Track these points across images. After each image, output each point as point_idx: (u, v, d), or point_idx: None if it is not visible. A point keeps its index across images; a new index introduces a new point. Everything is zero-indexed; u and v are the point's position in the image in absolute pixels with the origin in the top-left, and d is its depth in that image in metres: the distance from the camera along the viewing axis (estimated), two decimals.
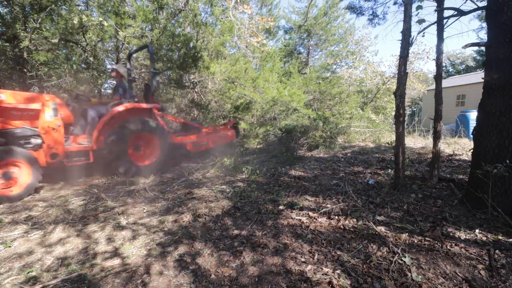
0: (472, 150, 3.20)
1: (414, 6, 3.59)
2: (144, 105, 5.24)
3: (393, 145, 3.74)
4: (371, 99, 14.84)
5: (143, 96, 5.86)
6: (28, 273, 2.09)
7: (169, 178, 5.02)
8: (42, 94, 4.19)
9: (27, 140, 4.06)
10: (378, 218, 2.94)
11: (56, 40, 5.87)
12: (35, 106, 4.07)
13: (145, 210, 3.39)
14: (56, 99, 4.29)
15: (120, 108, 4.85)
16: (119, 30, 6.16)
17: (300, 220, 2.97)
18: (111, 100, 5.29)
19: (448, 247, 2.30)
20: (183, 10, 7.74)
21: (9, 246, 2.52)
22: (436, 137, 3.98)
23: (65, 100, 5.14)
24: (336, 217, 3.01)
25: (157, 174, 5.17)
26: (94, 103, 5.27)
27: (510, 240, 2.37)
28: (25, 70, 6.17)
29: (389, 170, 4.84)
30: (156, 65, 5.34)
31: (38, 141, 4.13)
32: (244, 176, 5.06)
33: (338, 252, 2.29)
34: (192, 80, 8.61)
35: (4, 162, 3.71)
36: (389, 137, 9.06)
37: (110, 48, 7.59)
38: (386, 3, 6.41)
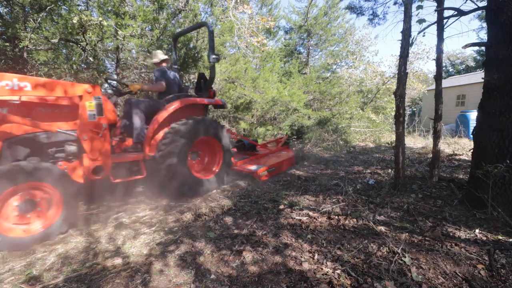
0: (472, 150, 3.21)
1: (414, 6, 3.60)
2: (205, 101, 4.04)
3: (393, 145, 3.75)
4: (371, 99, 14.85)
5: (196, 88, 4.52)
6: (28, 273, 2.09)
7: None
8: (82, 84, 2.88)
9: (59, 149, 2.94)
10: (378, 218, 2.94)
11: (56, 40, 5.87)
12: (73, 101, 2.93)
13: (146, 209, 3.39)
14: (100, 90, 3.00)
15: (178, 104, 3.68)
16: (118, 30, 6.16)
17: (300, 220, 2.97)
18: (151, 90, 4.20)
19: (448, 247, 2.30)
20: (183, 10, 7.75)
21: None
22: (436, 137, 3.98)
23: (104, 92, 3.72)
24: (336, 217, 3.01)
25: (219, 188, 4.13)
26: (134, 91, 3.79)
27: (510, 240, 2.38)
28: (25, 70, 6.16)
29: (389, 170, 4.85)
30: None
31: (76, 150, 2.97)
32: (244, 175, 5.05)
33: (338, 252, 2.29)
34: (192, 80, 8.61)
35: (22, 185, 2.41)
36: (389, 137, 9.07)
37: (110, 48, 7.59)
38: (386, 3, 6.42)
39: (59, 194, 2.61)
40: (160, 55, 4.13)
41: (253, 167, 4.71)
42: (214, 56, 3.89)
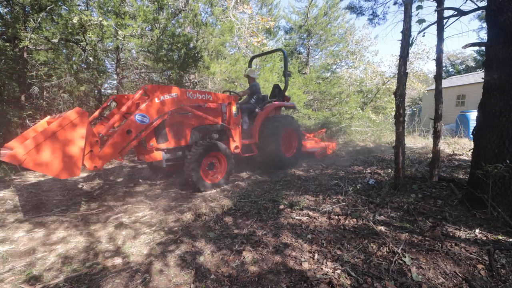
0: (472, 150, 3.20)
1: (414, 6, 3.59)
2: (288, 104, 6.03)
3: (393, 145, 3.74)
4: (371, 99, 14.85)
5: (270, 95, 6.32)
6: (29, 273, 2.09)
7: (171, 177, 5.03)
8: (228, 95, 4.74)
9: (220, 134, 4.77)
10: (378, 218, 2.94)
11: (56, 40, 5.87)
12: (227, 105, 4.72)
13: (146, 209, 3.39)
14: (238, 99, 4.87)
15: (272, 106, 5.56)
16: (118, 30, 6.16)
17: (300, 220, 2.97)
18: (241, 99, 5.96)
19: (448, 247, 2.30)
20: (183, 10, 7.75)
21: (12, 245, 2.52)
22: (436, 137, 3.98)
23: None
24: (336, 217, 3.01)
25: (294, 167, 5.59)
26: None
27: (510, 240, 2.37)
28: (25, 70, 6.16)
29: (389, 170, 4.85)
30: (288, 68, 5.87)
31: (227, 135, 4.78)
32: (244, 175, 5.06)
33: (338, 252, 2.29)
34: (192, 80, 8.61)
35: (211, 154, 4.23)
36: (389, 137, 9.07)
37: (110, 48, 7.59)
38: (386, 3, 6.41)
39: (225, 160, 4.41)
40: (253, 73, 5.87)
41: (312, 149, 6.56)
42: (288, 73, 5.82)
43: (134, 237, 2.67)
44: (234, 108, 4.70)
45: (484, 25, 6.56)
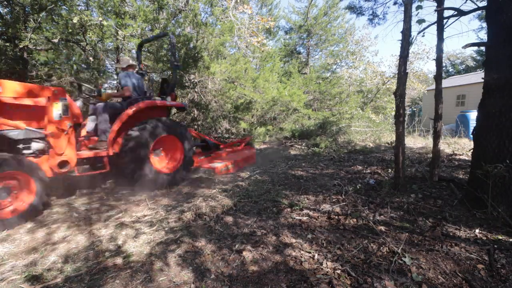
0: (472, 150, 3.21)
1: (414, 6, 3.60)
2: (167, 103, 4.47)
3: (393, 145, 3.75)
4: (371, 99, 14.86)
5: (159, 92, 4.93)
6: (29, 272, 2.09)
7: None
8: (49, 87, 3.28)
9: (28, 144, 3.21)
10: (378, 218, 2.95)
11: (56, 40, 5.88)
12: (40, 101, 3.18)
13: (147, 209, 3.39)
14: (65, 93, 3.42)
15: (139, 106, 4.03)
16: (118, 30, 6.17)
17: (300, 220, 2.97)
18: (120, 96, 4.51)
19: (448, 247, 2.31)
20: (183, 10, 7.75)
21: (13, 245, 2.52)
22: (436, 137, 3.98)
23: (73, 95, 4.42)
24: (336, 217, 3.01)
25: (177, 185, 4.46)
26: (104, 99, 4.23)
27: (510, 240, 2.38)
28: (25, 70, 6.17)
29: (389, 170, 4.85)
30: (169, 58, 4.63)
31: (43, 146, 3.29)
32: (245, 175, 5.06)
33: (338, 252, 2.29)
34: (192, 80, 8.61)
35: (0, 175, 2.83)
36: (389, 137, 9.07)
37: (110, 48, 7.60)
38: (386, 3, 6.42)
39: (33, 183, 3.05)
40: (127, 61, 4.48)
41: (215, 164, 5.15)
42: (176, 65, 4.45)
43: (134, 236, 2.67)
44: (57, 106, 3.29)
45: (484, 25, 6.58)
